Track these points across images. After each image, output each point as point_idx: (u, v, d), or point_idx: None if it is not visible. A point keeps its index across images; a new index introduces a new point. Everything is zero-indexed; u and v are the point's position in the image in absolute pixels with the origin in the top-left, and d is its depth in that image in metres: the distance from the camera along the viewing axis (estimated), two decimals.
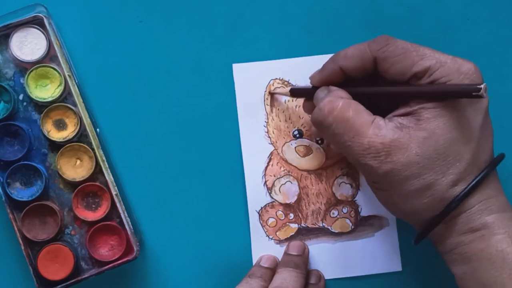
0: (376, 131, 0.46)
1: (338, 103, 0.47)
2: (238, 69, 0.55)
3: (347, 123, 0.46)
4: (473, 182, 0.45)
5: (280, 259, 0.55)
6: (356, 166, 0.48)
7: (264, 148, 0.56)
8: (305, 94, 0.53)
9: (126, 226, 0.53)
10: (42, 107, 0.54)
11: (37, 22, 0.54)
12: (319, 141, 0.55)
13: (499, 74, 0.56)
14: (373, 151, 0.46)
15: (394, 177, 0.46)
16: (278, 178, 0.55)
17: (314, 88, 0.51)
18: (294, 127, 0.55)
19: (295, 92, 0.53)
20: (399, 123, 0.46)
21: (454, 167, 0.45)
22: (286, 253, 0.55)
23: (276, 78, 0.55)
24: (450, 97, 0.45)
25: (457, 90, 0.45)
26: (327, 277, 0.55)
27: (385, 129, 0.46)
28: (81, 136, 0.54)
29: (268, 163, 0.56)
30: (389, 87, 0.48)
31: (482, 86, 0.43)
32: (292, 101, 0.55)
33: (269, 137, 0.56)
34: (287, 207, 0.56)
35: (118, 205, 0.53)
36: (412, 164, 0.45)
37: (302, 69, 0.55)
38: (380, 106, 0.49)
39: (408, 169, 0.45)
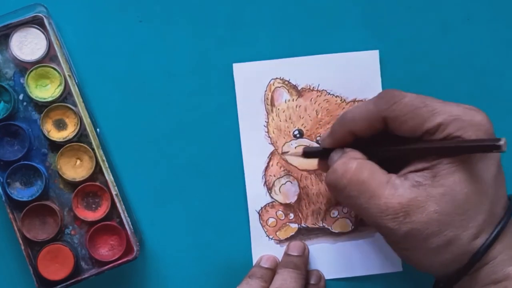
0: (393, 191, 0.45)
1: (352, 164, 0.46)
2: (239, 68, 0.55)
3: (362, 185, 0.46)
4: (494, 233, 0.45)
5: (280, 259, 0.55)
6: (375, 228, 0.47)
7: (264, 148, 0.56)
8: (318, 154, 0.52)
9: (126, 226, 0.53)
10: (42, 107, 0.54)
11: (37, 22, 0.54)
12: (319, 141, 0.55)
13: (499, 74, 0.56)
14: (391, 212, 0.45)
15: (415, 237, 0.45)
16: (278, 178, 0.55)
17: (326, 149, 0.50)
18: (294, 127, 0.56)
19: (308, 154, 0.53)
20: (415, 181, 0.45)
21: (474, 220, 0.45)
22: (286, 254, 0.55)
23: (277, 78, 0.55)
24: (469, 152, 0.44)
25: (477, 145, 0.43)
26: (327, 277, 0.55)
27: (402, 188, 0.45)
28: (81, 136, 0.54)
29: (268, 163, 0.56)
30: (404, 146, 0.46)
31: (502, 142, 0.42)
32: (293, 101, 0.55)
33: (269, 137, 0.56)
34: (287, 207, 0.56)
35: (118, 205, 0.53)
36: (432, 222, 0.44)
37: (302, 68, 0.55)
38: (394, 160, 0.48)
39: (429, 228, 0.44)
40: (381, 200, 0.45)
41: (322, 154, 0.51)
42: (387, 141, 0.48)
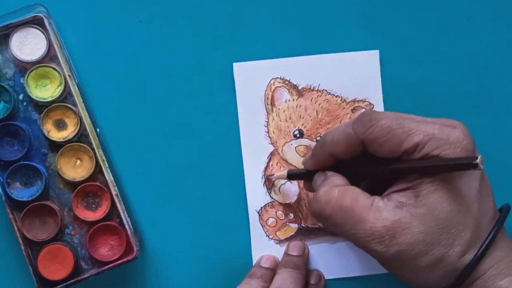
0: (377, 214, 0.45)
1: (334, 192, 0.47)
2: (239, 68, 0.55)
3: (346, 212, 0.46)
4: (481, 249, 0.45)
5: (280, 259, 0.55)
6: (364, 251, 0.47)
7: (264, 148, 0.56)
8: (302, 176, 0.53)
9: (126, 226, 0.53)
10: (42, 107, 0.54)
11: (37, 22, 0.54)
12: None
13: (499, 74, 0.56)
14: (377, 236, 0.45)
15: (403, 258, 0.45)
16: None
17: (309, 171, 0.51)
18: (295, 127, 0.56)
19: (292, 176, 0.53)
20: (398, 201, 0.45)
21: (460, 237, 0.45)
22: (286, 254, 0.55)
23: (277, 77, 0.55)
24: (447, 171, 0.44)
25: (453, 164, 0.44)
26: (327, 277, 0.55)
27: (386, 210, 0.45)
28: (81, 136, 0.54)
29: (268, 163, 0.56)
30: (384, 167, 0.47)
31: (478, 160, 0.42)
32: (293, 100, 0.55)
33: (269, 137, 0.56)
34: (287, 207, 0.56)
35: (118, 205, 0.53)
36: (418, 242, 0.44)
37: (302, 68, 0.55)
38: (379, 180, 0.48)
39: (415, 248, 0.45)
40: (366, 225, 0.45)
41: (306, 176, 0.52)
42: (368, 161, 0.48)
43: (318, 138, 0.55)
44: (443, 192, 0.44)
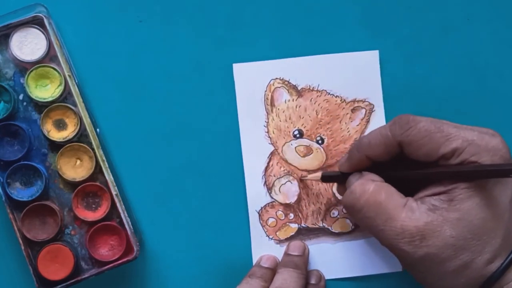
0: (409, 214, 0.45)
1: (369, 186, 0.47)
2: (238, 69, 0.55)
3: (379, 207, 0.46)
4: (509, 258, 0.45)
5: (280, 259, 0.55)
6: (390, 250, 0.47)
7: (264, 148, 0.56)
8: (337, 179, 0.53)
9: (126, 226, 0.53)
10: (42, 107, 0.54)
11: (37, 22, 0.54)
12: (320, 141, 0.55)
13: (499, 74, 0.56)
14: (407, 235, 0.45)
15: (431, 261, 0.45)
16: (278, 178, 0.55)
17: (345, 174, 0.51)
18: (294, 127, 0.56)
19: (327, 178, 0.53)
20: (431, 204, 0.45)
21: (489, 245, 0.45)
22: (286, 254, 0.55)
23: (277, 78, 0.55)
24: (485, 177, 0.45)
25: (493, 170, 0.44)
26: (327, 277, 0.55)
27: (418, 212, 0.45)
28: (81, 136, 0.54)
29: (268, 163, 0.56)
30: (420, 171, 0.47)
31: None
32: (293, 101, 0.55)
33: (269, 137, 0.56)
34: (287, 207, 0.56)
35: (118, 205, 0.53)
36: (448, 246, 0.45)
37: (302, 68, 0.55)
38: (411, 183, 0.48)
39: (444, 252, 0.45)
40: (397, 223, 0.45)
41: (340, 178, 0.52)
42: (404, 164, 0.48)
43: (318, 138, 0.55)
44: (478, 198, 0.45)
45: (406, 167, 0.48)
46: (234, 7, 0.56)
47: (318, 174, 0.53)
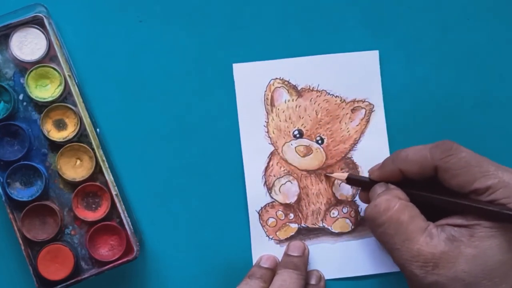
0: (428, 239, 0.46)
1: (394, 203, 0.47)
2: (238, 69, 0.55)
3: (400, 226, 0.46)
4: None
5: (280, 259, 0.55)
6: (400, 269, 0.48)
7: (264, 148, 0.56)
8: (362, 184, 0.53)
9: (126, 226, 0.53)
10: (42, 107, 0.54)
11: (37, 22, 0.54)
12: (319, 141, 0.55)
13: (499, 74, 0.56)
14: (421, 259, 0.45)
15: None
16: (278, 178, 0.55)
17: (372, 181, 0.51)
18: (294, 127, 0.56)
19: (352, 181, 0.53)
20: (451, 234, 0.46)
21: None
22: (286, 254, 0.55)
23: (277, 78, 0.55)
24: (510, 222, 0.44)
25: None
26: (327, 277, 0.55)
27: (437, 239, 0.45)
28: (81, 136, 0.54)
29: (268, 163, 0.56)
30: (449, 198, 0.47)
31: None
32: (293, 101, 0.55)
33: (269, 137, 0.56)
34: (287, 207, 0.56)
35: (118, 205, 0.53)
36: (458, 280, 0.45)
37: (302, 69, 0.55)
38: (433, 208, 0.49)
39: (453, 285, 0.45)
40: (414, 245, 0.46)
41: (366, 184, 0.52)
42: (432, 189, 0.48)
43: (318, 138, 0.55)
44: (499, 240, 0.45)
45: (434, 192, 0.48)
46: (234, 7, 0.56)
47: (344, 174, 0.54)
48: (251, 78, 0.55)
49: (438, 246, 0.45)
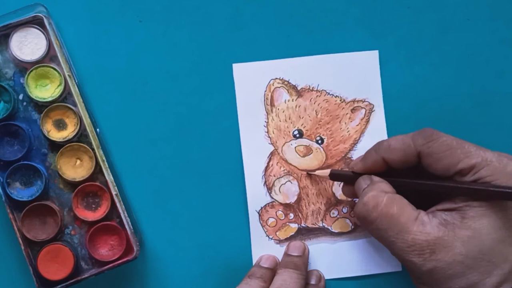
0: (421, 227, 0.46)
1: (382, 198, 0.47)
2: (238, 69, 0.55)
3: (391, 219, 0.47)
4: None
5: (280, 259, 0.55)
6: (400, 260, 0.48)
7: (264, 148, 0.56)
8: (345, 178, 0.53)
9: (126, 226, 0.53)
10: (42, 107, 0.54)
11: (37, 22, 0.54)
12: (319, 141, 0.55)
13: (499, 74, 0.56)
14: (417, 248, 0.46)
15: (438, 275, 0.45)
16: (278, 178, 0.55)
17: (355, 174, 0.51)
18: (294, 127, 0.56)
19: (336, 176, 0.53)
20: (443, 219, 0.46)
21: (499, 268, 0.45)
22: (286, 254, 0.55)
23: (276, 78, 0.55)
24: (500, 199, 0.45)
25: (506, 193, 0.44)
26: (327, 277, 0.55)
27: (430, 225, 0.46)
28: (81, 136, 0.54)
29: (268, 163, 0.56)
30: (434, 182, 0.47)
31: None
32: (292, 101, 0.55)
33: (269, 137, 0.56)
34: (287, 207, 0.56)
35: (118, 205, 0.53)
36: (456, 263, 0.45)
37: (302, 69, 0.55)
38: (422, 195, 0.49)
39: (452, 268, 0.45)
40: (409, 236, 0.46)
41: (350, 178, 0.52)
42: (417, 178, 0.49)
43: (318, 138, 0.55)
44: (491, 219, 0.45)
45: (420, 178, 0.48)
46: (234, 7, 0.56)
47: (327, 171, 0.53)
48: (251, 78, 0.55)
49: (432, 233, 0.45)
